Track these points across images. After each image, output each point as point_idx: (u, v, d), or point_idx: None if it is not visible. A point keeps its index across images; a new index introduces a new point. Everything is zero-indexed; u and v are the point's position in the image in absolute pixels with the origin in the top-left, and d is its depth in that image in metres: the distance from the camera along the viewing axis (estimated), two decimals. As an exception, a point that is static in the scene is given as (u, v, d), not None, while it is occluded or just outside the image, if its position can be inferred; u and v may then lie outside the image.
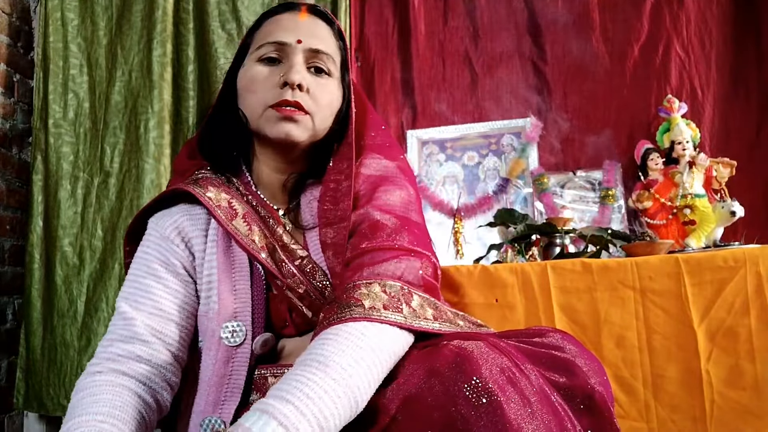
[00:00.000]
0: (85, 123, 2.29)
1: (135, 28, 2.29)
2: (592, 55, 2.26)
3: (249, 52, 1.04)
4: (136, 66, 2.28)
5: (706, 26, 2.20)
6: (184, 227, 1.01)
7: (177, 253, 1.00)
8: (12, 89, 2.33)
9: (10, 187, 2.27)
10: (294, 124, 0.98)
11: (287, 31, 1.01)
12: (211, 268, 0.99)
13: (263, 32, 1.04)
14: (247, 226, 0.99)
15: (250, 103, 1.01)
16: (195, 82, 2.26)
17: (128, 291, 0.99)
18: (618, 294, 1.54)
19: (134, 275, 1.00)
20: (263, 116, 0.99)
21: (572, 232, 1.85)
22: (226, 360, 0.94)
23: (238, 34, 2.25)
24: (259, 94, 0.99)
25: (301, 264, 0.99)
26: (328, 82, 1.03)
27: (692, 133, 2.06)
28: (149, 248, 1.01)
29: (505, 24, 2.35)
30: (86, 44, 2.32)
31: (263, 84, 0.99)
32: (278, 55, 1.00)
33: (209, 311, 0.97)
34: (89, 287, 2.18)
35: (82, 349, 2.13)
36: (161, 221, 1.02)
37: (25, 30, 2.42)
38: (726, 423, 1.45)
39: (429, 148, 2.34)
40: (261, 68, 1.00)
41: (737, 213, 1.87)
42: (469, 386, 0.69)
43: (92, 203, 2.24)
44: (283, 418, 0.67)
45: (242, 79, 1.03)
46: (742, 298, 1.49)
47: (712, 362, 1.48)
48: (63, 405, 2.12)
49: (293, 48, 0.99)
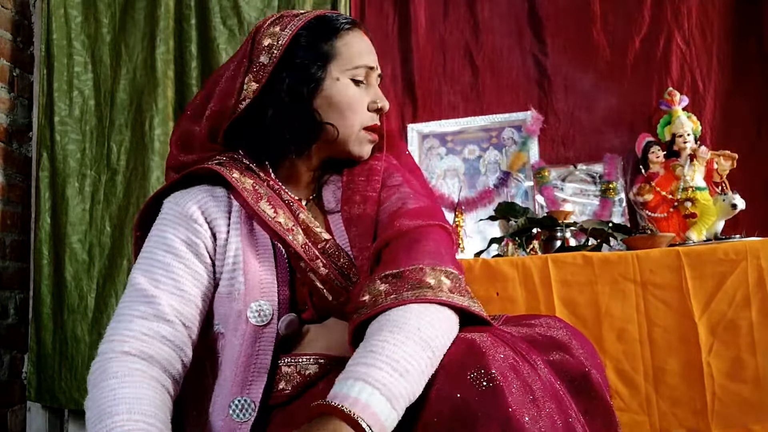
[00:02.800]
0: (91, 121, 2.30)
1: (138, 26, 2.30)
2: (593, 47, 2.25)
3: (335, 64, 1.05)
4: (140, 63, 2.29)
5: (708, 18, 2.19)
6: (207, 207, 1.00)
7: (200, 233, 0.99)
8: (12, 84, 2.33)
9: (10, 182, 2.28)
10: (371, 147, 1.11)
11: (369, 55, 1.09)
12: (236, 249, 0.98)
13: (349, 50, 1.06)
14: (272, 208, 0.99)
15: (347, 121, 1.06)
16: (198, 79, 2.26)
17: (145, 267, 0.97)
18: (619, 287, 1.54)
19: (152, 252, 0.98)
20: (356, 136, 1.07)
21: (573, 225, 1.85)
22: (253, 340, 0.94)
23: (240, 30, 2.25)
24: (358, 116, 1.07)
25: (325, 247, 1.00)
26: None
27: (693, 125, 2.05)
28: (168, 226, 0.99)
29: (506, 17, 2.34)
30: (90, 41, 2.33)
31: (360, 106, 1.07)
32: (363, 80, 1.08)
33: (233, 292, 0.96)
34: (99, 283, 2.21)
35: (93, 343, 2.15)
36: (182, 200, 1.01)
37: (25, 25, 2.41)
38: (727, 416, 1.46)
39: (429, 141, 2.34)
40: (356, 90, 1.07)
41: (738, 206, 1.87)
42: (474, 373, 0.73)
43: (100, 200, 2.26)
44: (382, 387, 0.71)
45: (337, 94, 1.05)
46: (743, 291, 1.49)
47: (713, 355, 1.48)
48: (75, 398, 2.15)
49: (375, 72, 1.10)
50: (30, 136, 2.39)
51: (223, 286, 0.98)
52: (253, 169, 1.06)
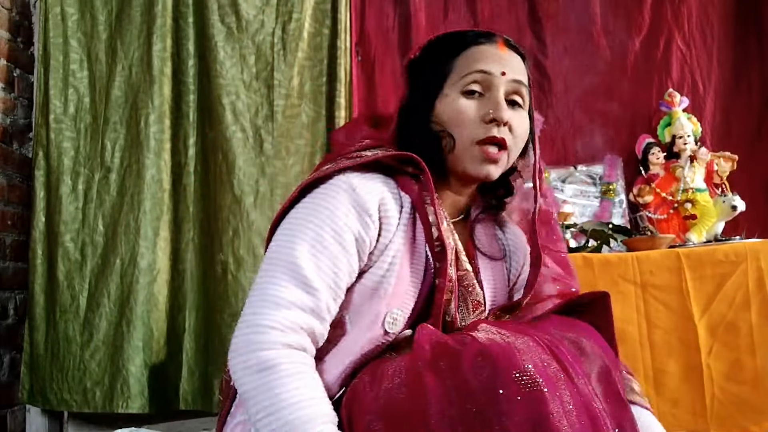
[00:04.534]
0: (85, 118, 2.27)
1: (135, 23, 2.27)
2: (593, 48, 2.26)
3: (450, 79, 1.02)
4: (136, 61, 2.25)
5: (708, 20, 2.19)
6: (386, 203, 0.95)
7: (371, 230, 0.94)
8: (12, 84, 2.32)
9: (11, 182, 2.27)
10: (495, 165, 0.99)
11: (492, 62, 1.00)
12: (397, 251, 0.95)
13: (466, 61, 1.02)
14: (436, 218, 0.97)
15: (458, 136, 0.99)
16: (195, 77, 2.23)
17: (311, 246, 0.91)
18: (619, 288, 1.54)
19: (319, 231, 0.91)
20: (469, 152, 0.99)
21: (573, 226, 1.85)
22: (375, 343, 0.94)
23: (238, 28, 2.23)
24: (467, 130, 0.98)
25: (463, 276, 1.00)
26: (523, 115, 1.03)
27: (693, 127, 2.05)
28: (341, 212, 0.92)
29: (506, 17, 2.34)
30: (86, 39, 2.30)
31: (470, 119, 0.99)
32: (481, 88, 1.00)
33: (380, 290, 0.94)
34: (91, 283, 2.16)
35: (84, 344, 2.11)
36: (364, 187, 0.94)
37: (25, 25, 2.41)
38: (726, 417, 1.46)
39: (430, 142, 2.33)
40: (466, 102, 0.99)
41: (738, 207, 1.87)
42: (518, 373, 0.75)
43: (93, 199, 2.21)
44: None
45: (446, 111, 1.00)
46: (743, 292, 1.49)
47: (712, 356, 1.48)
48: (66, 400, 2.09)
49: (498, 79, 1.00)
50: (30, 136, 2.38)
51: (370, 280, 0.95)
52: (419, 177, 1.02)
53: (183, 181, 2.19)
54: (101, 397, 2.05)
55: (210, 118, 2.19)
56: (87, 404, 2.06)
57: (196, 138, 2.20)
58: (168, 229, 2.15)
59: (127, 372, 2.03)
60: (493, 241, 1.12)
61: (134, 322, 2.06)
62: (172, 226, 2.17)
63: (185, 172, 2.19)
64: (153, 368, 2.07)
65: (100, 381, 2.06)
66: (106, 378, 2.06)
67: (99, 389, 2.06)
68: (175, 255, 2.16)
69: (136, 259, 2.10)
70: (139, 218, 2.13)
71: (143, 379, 2.05)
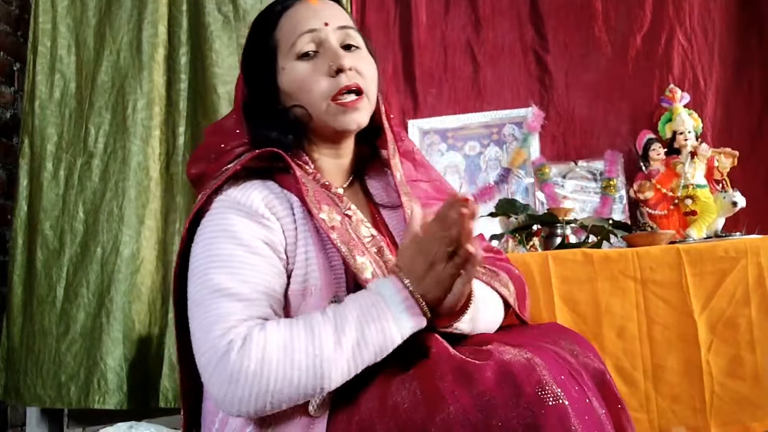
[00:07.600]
0: (70, 103, 2.19)
1: (125, 8, 2.19)
2: (594, 44, 2.25)
3: (279, 52, 1.02)
4: (125, 45, 2.17)
5: (709, 15, 2.19)
6: (273, 204, 0.95)
7: (274, 230, 0.94)
8: (12, 78, 2.32)
9: (11, 176, 2.27)
10: (358, 112, 0.99)
11: (311, 18, 1.00)
12: (307, 245, 0.95)
13: (286, 29, 1.02)
14: (325, 208, 0.95)
15: (309, 101, 0.99)
16: (187, 65, 2.17)
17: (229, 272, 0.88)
18: (619, 284, 1.54)
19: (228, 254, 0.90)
20: (328, 111, 0.99)
21: (573, 222, 1.85)
22: None
23: (235, 17, 2.16)
24: (317, 91, 0.98)
25: (371, 242, 0.99)
26: (364, 55, 1.03)
27: (694, 123, 2.05)
28: (238, 227, 0.91)
29: (507, 13, 2.33)
30: (75, 24, 2.22)
31: (314, 78, 0.99)
32: (314, 47, 1.00)
33: (308, 287, 0.94)
34: (69, 272, 2.04)
35: (60, 336, 1.99)
36: (246, 197, 0.94)
37: (25, 19, 2.40)
38: (726, 413, 1.46)
39: (430, 137, 2.34)
40: (304, 65, 0.99)
41: (738, 203, 1.87)
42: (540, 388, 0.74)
43: (74, 185, 2.11)
44: None
45: (290, 82, 1.01)
46: (743, 288, 1.49)
47: (712, 353, 1.48)
48: (39, 395, 1.98)
49: (324, 32, 0.99)
50: (30, 130, 2.37)
51: (296, 283, 0.94)
52: (297, 162, 1.02)
53: (171, 170, 2.13)
54: (76, 392, 1.92)
55: (203, 107, 2.11)
56: (61, 400, 1.94)
57: (185, 127, 2.14)
58: (154, 218, 2.06)
59: (105, 366, 1.91)
60: (389, 189, 1.11)
61: (114, 313, 1.95)
62: (158, 215, 2.08)
63: (173, 161, 2.13)
64: (133, 363, 1.95)
65: (75, 375, 1.94)
66: (82, 372, 1.94)
67: (74, 384, 1.93)
68: (161, 245, 2.08)
69: (119, 248, 2.00)
70: (123, 205, 2.03)
71: (122, 373, 1.93)
